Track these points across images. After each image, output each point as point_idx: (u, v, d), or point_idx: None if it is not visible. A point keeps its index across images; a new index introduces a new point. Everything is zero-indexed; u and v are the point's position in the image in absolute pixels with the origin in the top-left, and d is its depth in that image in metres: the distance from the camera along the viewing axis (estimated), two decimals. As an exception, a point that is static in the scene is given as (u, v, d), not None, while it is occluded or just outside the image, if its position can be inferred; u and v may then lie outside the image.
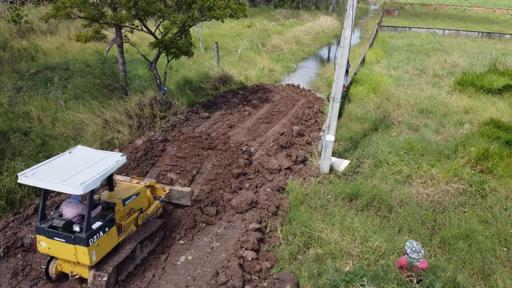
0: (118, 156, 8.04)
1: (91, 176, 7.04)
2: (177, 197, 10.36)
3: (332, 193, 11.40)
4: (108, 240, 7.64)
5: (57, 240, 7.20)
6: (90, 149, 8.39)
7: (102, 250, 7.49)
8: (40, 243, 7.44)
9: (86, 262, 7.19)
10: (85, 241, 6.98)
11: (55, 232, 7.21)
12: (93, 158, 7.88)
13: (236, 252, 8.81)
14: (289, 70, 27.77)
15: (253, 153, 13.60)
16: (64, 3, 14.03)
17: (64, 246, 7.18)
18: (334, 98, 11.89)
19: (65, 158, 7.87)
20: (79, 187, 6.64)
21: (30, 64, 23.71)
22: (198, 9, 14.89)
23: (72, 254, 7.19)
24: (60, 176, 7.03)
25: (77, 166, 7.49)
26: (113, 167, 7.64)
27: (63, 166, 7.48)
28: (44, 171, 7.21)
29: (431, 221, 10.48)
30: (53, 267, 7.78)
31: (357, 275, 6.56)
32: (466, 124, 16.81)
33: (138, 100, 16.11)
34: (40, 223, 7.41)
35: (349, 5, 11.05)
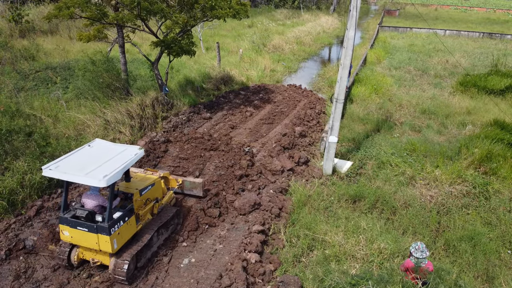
0: (136, 150, 8.36)
1: (112, 169, 7.34)
2: (189, 188, 10.80)
3: (335, 195, 11.33)
4: (128, 228, 7.99)
5: (80, 229, 7.54)
6: (108, 143, 8.74)
7: (123, 238, 7.84)
8: (63, 232, 7.78)
9: (108, 250, 7.53)
10: (107, 230, 7.32)
11: (78, 222, 7.53)
12: (112, 151, 8.20)
13: (239, 254, 8.75)
14: (291, 70, 27.69)
15: (255, 154, 13.54)
16: (66, 3, 13.97)
17: (86, 235, 7.52)
18: (337, 99, 11.84)
19: (85, 151, 8.18)
20: (102, 179, 6.94)
21: (31, 64, 23.64)
22: (200, 9, 14.82)
23: (95, 243, 7.52)
24: (83, 169, 7.35)
25: (98, 159, 7.81)
26: (133, 160, 7.94)
27: (84, 159, 7.80)
28: (67, 164, 7.52)
29: (435, 223, 10.41)
30: (75, 255, 8.12)
31: (363, 278, 6.51)
32: (469, 125, 16.76)
33: (139, 101, 16.05)
34: (63, 214, 7.74)
35: (353, 5, 11.00)
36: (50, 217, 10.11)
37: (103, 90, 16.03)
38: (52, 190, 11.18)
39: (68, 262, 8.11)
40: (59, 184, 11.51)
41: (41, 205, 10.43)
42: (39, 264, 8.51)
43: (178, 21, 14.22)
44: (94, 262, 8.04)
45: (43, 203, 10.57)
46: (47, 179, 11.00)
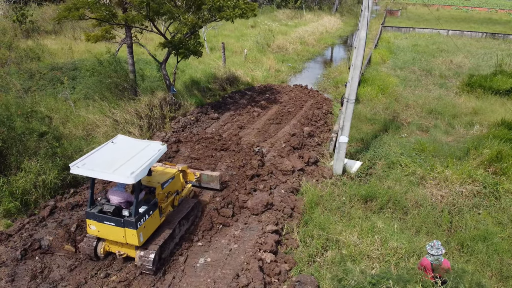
0: (158, 145, 8.55)
1: (138, 165, 7.56)
2: (207, 181, 11.15)
3: (347, 195, 11.36)
4: (153, 222, 8.30)
5: (107, 224, 7.82)
6: (131, 138, 9.01)
7: (148, 231, 8.14)
8: (90, 227, 8.05)
9: (135, 243, 7.81)
10: (134, 224, 7.58)
11: (104, 216, 7.79)
12: (136, 147, 8.42)
13: (254, 254, 8.77)
14: (296, 70, 27.72)
15: (265, 154, 13.57)
16: (75, 4, 13.99)
17: (113, 229, 7.80)
18: (348, 99, 11.86)
19: (109, 147, 8.40)
20: (130, 176, 7.17)
21: (37, 64, 23.66)
22: (208, 10, 14.85)
23: (121, 236, 7.81)
24: (109, 166, 7.56)
25: (123, 155, 8.02)
26: (157, 156, 8.12)
27: (109, 156, 8.01)
28: (93, 161, 7.72)
29: (447, 223, 10.44)
30: (101, 248, 8.44)
31: (382, 277, 6.53)
32: (476, 125, 16.79)
33: (148, 101, 16.08)
34: (90, 209, 7.98)
35: (364, 6, 11.03)
36: (63, 217, 10.13)
37: (112, 91, 16.05)
38: (64, 190, 11.21)
39: (95, 255, 8.40)
40: (71, 184, 11.54)
41: (54, 205, 10.45)
42: (55, 264, 8.53)
43: (187, 22, 14.22)
44: (120, 254, 8.32)
45: (56, 203, 10.59)
46: (60, 179, 11.02)
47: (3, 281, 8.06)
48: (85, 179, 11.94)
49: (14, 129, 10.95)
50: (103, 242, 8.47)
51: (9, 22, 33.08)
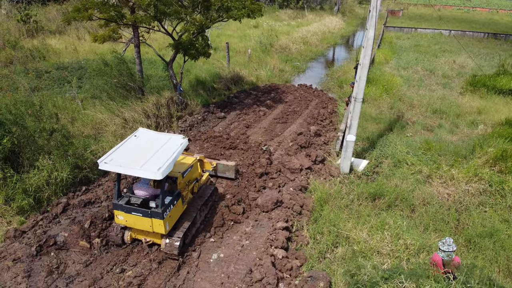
0: (180, 139, 8.87)
1: (164, 160, 7.86)
2: (222, 170, 11.75)
3: (355, 193, 11.50)
4: (176, 210, 8.78)
5: (134, 214, 8.25)
6: (152, 132, 9.27)
7: (173, 220, 8.64)
8: (118, 217, 8.51)
9: (162, 232, 8.28)
10: (161, 215, 8.02)
11: (132, 208, 8.23)
12: (158, 141, 8.74)
13: (266, 250, 8.92)
14: (299, 70, 27.85)
15: (272, 153, 13.70)
16: (84, 4, 14.13)
17: (141, 219, 8.25)
18: (356, 98, 12.00)
19: (132, 142, 8.71)
20: (157, 172, 7.48)
21: (42, 63, 23.80)
22: (216, 10, 14.99)
23: (149, 226, 8.26)
24: (136, 161, 7.90)
25: (147, 150, 8.36)
26: (180, 150, 8.47)
27: (134, 151, 8.35)
28: (120, 157, 8.03)
29: (455, 220, 10.57)
30: (128, 235, 9.01)
31: (395, 272, 6.67)
32: (481, 124, 16.93)
33: (155, 100, 16.22)
34: (117, 201, 8.39)
35: (373, 6, 11.16)
36: (76, 214, 10.28)
37: (119, 90, 16.18)
38: (76, 188, 11.36)
39: (122, 242, 8.99)
40: (82, 182, 11.69)
41: (67, 202, 10.59)
42: (71, 260, 8.68)
43: (195, 22, 14.36)
44: (147, 242, 8.85)
45: (68, 200, 10.73)
46: (71, 177, 11.17)
47: (20, 277, 8.20)
48: (95, 177, 12.11)
49: (26, 128, 11.07)
50: (129, 230, 9.00)
51: (13, 22, 33.24)
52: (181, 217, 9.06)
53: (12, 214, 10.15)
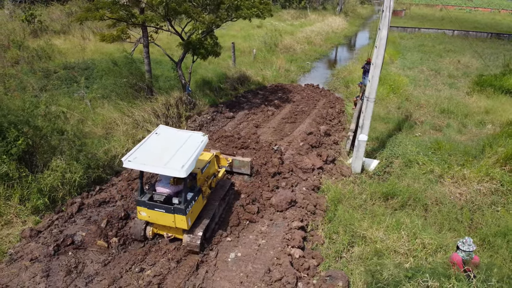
0: (200, 136, 9.03)
1: (187, 158, 8.00)
2: (238, 166, 11.96)
3: (367, 193, 11.52)
4: (197, 206, 9.00)
5: (157, 210, 8.44)
6: (172, 129, 9.47)
7: (194, 215, 8.87)
8: (141, 213, 8.69)
9: (184, 227, 8.50)
10: (183, 211, 8.25)
11: (155, 204, 8.43)
12: (179, 138, 8.92)
13: (283, 249, 8.94)
14: (304, 70, 27.88)
15: (283, 153, 13.72)
16: (95, 4, 14.16)
17: (164, 215, 8.44)
18: (369, 98, 12.02)
19: (154, 139, 8.85)
20: (181, 170, 7.61)
21: (49, 63, 23.79)
22: (225, 9, 15.00)
23: (171, 221, 8.46)
24: (159, 159, 8.05)
25: (169, 147, 8.50)
26: (201, 148, 8.63)
27: (156, 148, 8.48)
28: (143, 155, 8.17)
29: (468, 220, 10.60)
30: (150, 231, 9.21)
31: (418, 271, 6.69)
32: (489, 124, 16.95)
33: (164, 100, 16.23)
34: (140, 197, 8.58)
35: (386, 6, 11.17)
36: (91, 213, 10.29)
37: (128, 90, 16.20)
38: (90, 188, 11.37)
39: (144, 237, 9.16)
40: (95, 181, 11.71)
41: (81, 202, 10.60)
42: (89, 259, 8.69)
43: (205, 22, 14.38)
44: (168, 236, 9.10)
45: (83, 200, 10.75)
46: (86, 176, 11.19)
47: (38, 277, 8.21)
48: (108, 177, 12.13)
49: (39, 128, 11.06)
50: (151, 226, 9.21)
51: (17, 22, 33.22)
52: (201, 212, 9.28)
53: (27, 214, 10.16)
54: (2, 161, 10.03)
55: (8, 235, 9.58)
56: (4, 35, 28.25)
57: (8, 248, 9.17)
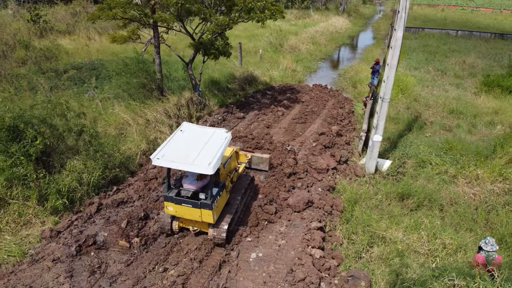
0: (224, 133, 9.26)
1: (213, 155, 8.27)
2: (256, 162, 12.29)
3: (383, 193, 11.57)
4: (222, 200, 9.34)
5: (184, 205, 8.74)
6: (196, 126, 9.67)
7: (219, 209, 9.18)
8: (168, 208, 8.99)
9: (210, 221, 8.79)
10: (210, 206, 8.52)
11: (182, 199, 8.73)
12: (203, 135, 9.16)
13: (304, 250, 8.99)
14: (311, 70, 27.94)
15: (296, 153, 13.77)
16: (109, 4, 14.19)
17: (190, 210, 8.74)
18: (384, 98, 12.07)
19: (179, 137, 9.10)
20: (208, 167, 7.89)
21: (56, 63, 23.82)
22: (238, 11, 15.05)
23: (198, 216, 8.75)
24: (186, 156, 8.32)
25: (194, 144, 8.78)
26: (226, 144, 8.85)
27: (182, 145, 8.75)
28: (170, 152, 8.43)
29: (483, 220, 10.66)
30: (176, 225, 9.49)
31: (445, 270, 6.74)
32: (499, 125, 17.01)
33: (176, 101, 16.28)
34: (168, 193, 8.88)
35: (402, 6, 11.23)
36: (110, 213, 10.34)
37: (139, 90, 16.24)
38: (107, 188, 11.42)
39: (170, 230, 9.46)
40: (112, 181, 11.75)
41: (99, 202, 10.66)
42: (111, 259, 8.74)
43: (218, 23, 14.42)
44: (194, 230, 9.43)
45: (101, 200, 10.80)
46: (103, 177, 11.23)
47: (62, 277, 8.26)
48: (125, 177, 12.17)
49: (56, 128, 11.10)
50: (177, 220, 9.48)
51: (21, 22, 33.23)
52: (224, 206, 9.57)
53: (46, 214, 10.22)
54: (20, 162, 10.08)
55: (28, 235, 9.64)
56: (10, 35, 28.29)
57: (29, 249, 9.24)
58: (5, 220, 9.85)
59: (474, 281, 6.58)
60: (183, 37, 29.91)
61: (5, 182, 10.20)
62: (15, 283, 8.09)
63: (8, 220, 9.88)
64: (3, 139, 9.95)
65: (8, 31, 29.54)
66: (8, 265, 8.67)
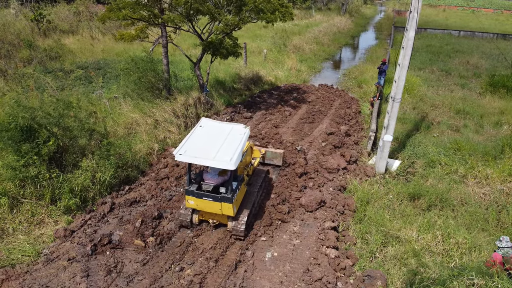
0: (242, 128, 9.57)
1: (233, 151, 8.53)
2: (270, 158, 12.45)
3: (393, 193, 11.60)
4: (240, 193, 9.62)
5: (205, 199, 8.98)
6: (214, 121, 9.94)
7: (238, 202, 9.47)
8: (189, 201, 9.24)
9: (231, 214, 9.06)
10: (230, 200, 8.78)
11: (203, 193, 8.98)
12: (223, 131, 9.45)
13: (319, 249, 9.01)
14: (315, 70, 27.97)
15: (306, 153, 13.79)
16: (118, 4, 14.21)
17: (211, 203, 8.99)
18: (395, 98, 12.10)
19: (199, 132, 9.37)
20: (230, 162, 8.17)
21: (61, 63, 23.82)
22: (248, 11, 15.06)
23: (218, 209, 9.01)
24: (207, 151, 8.60)
25: (214, 140, 9.06)
26: (245, 140, 9.11)
27: (203, 141, 9.02)
28: (192, 148, 8.69)
29: (495, 220, 10.68)
30: (196, 217, 9.75)
31: (463, 269, 6.77)
32: (505, 125, 17.05)
33: (183, 100, 16.29)
34: (189, 187, 9.17)
35: (414, 6, 11.26)
36: (123, 213, 10.36)
37: (148, 90, 16.25)
38: (119, 188, 11.43)
39: (190, 223, 9.70)
40: (123, 181, 11.75)
41: (112, 201, 10.66)
42: (127, 259, 8.75)
43: (228, 23, 14.44)
44: (214, 222, 9.68)
45: (113, 199, 10.81)
46: (115, 176, 11.24)
47: (78, 277, 8.26)
48: (136, 176, 12.18)
49: (69, 129, 11.09)
50: (197, 213, 9.73)
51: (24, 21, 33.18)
52: (243, 199, 9.85)
53: (59, 214, 10.23)
54: (32, 162, 10.08)
55: (42, 235, 9.65)
56: (14, 35, 28.26)
57: (43, 248, 9.24)
58: (18, 219, 9.86)
59: (493, 280, 6.61)
60: (187, 37, 29.95)
61: (18, 182, 10.20)
62: (31, 283, 8.08)
63: (21, 219, 9.88)
64: (16, 139, 9.95)
65: (12, 30, 29.54)
66: (22, 265, 8.66)
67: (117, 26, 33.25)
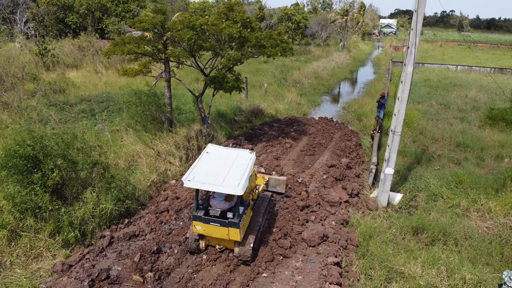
0: (248, 154, 9.81)
1: (240, 176, 8.72)
2: (273, 185, 12.50)
3: (396, 227, 11.46)
4: (247, 218, 9.71)
5: (212, 224, 9.09)
6: (220, 147, 10.19)
7: (245, 227, 9.54)
8: (196, 227, 9.36)
9: (238, 239, 9.14)
10: (237, 225, 8.89)
11: (210, 219, 9.09)
12: (229, 157, 9.68)
13: (322, 286, 8.80)
14: (315, 103, 28.30)
15: (307, 185, 13.74)
16: (123, 39, 14.57)
17: (218, 229, 9.10)
18: (395, 131, 12.18)
19: (206, 158, 9.58)
20: (237, 188, 8.35)
21: (65, 96, 24.16)
22: (250, 47, 15.44)
23: (225, 234, 9.10)
24: (215, 177, 8.77)
25: (221, 166, 9.21)
26: (251, 165, 9.33)
27: (210, 167, 9.18)
28: (199, 174, 8.86)
29: (499, 254, 10.50)
30: (202, 242, 9.84)
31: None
32: (506, 158, 17.06)
33: (186, 133, 16.40)
34: (196, 212, 9.28)
35: (411, 43, 11.53)
36: (122, 247, 10.19)
37: (151, 122, 16.41)
38: (119, 221, 11.31)
39: (197, 248, 9.81)
40: (123, 214, 11.64)
41: (111, 235, 10.52)
42: (125, 295, 8.54)
43: (231, 58, 14.76)
44: (220, 247, 9.76)
45: (112, 233, 10.67)
46: (115, 209, 11.14)
47: (74, 312, 8.04)
48: (136, 209, 12.07)
49: (75, 162, 11.08)
50: (203, 239, 9.81)
51: (28, 55, 33.92)
52: (249, 224, 9.95)
53: (57, 248, 10.08)
54: (35, 193, 10.03)
55: (39, 269, 9.48)
56: (19, 68, 28.83)
57: (40, 283, 9.05)
58: (16, 252, 9.72)
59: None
60: (190, 71, 30.54)
61: (18, 214, 10.11)
62: (26, 320, 7.86)
63: (19, 253, 9.74)
64: (21, 168, 9.94)
65: (17, 64, 30.17)
66: (18, 301, 8.46)
67: (121, 60, 33.92)
